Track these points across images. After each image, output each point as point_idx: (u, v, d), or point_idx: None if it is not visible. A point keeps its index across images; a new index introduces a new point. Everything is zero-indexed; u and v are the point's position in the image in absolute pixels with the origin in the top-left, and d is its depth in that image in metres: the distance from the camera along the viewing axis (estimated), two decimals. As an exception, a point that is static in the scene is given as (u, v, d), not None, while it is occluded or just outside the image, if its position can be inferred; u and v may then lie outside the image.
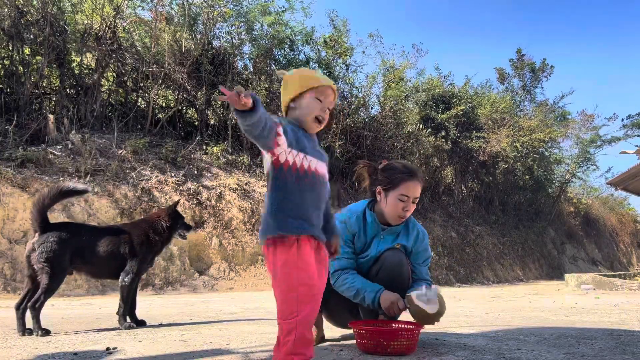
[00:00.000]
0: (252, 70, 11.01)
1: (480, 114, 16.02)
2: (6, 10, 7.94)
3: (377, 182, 2.26)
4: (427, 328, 2.86)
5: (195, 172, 8.85)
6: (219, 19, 10.16)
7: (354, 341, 2.20)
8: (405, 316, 2.18)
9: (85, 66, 9.52)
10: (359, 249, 2.28)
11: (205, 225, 7.93)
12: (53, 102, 8.96)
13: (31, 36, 8.26)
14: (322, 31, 11.59)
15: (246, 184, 9.33)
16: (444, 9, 62.74)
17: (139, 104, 10.15)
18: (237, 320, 3.39)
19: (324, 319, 2.40)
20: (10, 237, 6.08)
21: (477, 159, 15.91)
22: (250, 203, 8.91)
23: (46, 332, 2.57)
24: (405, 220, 2.27)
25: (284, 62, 11.22)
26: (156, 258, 3.14)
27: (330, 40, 11.49)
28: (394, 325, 2.14)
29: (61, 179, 6.87)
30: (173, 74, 9.65)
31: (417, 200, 2.23)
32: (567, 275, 10.18)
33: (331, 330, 2.55)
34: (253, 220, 8.67)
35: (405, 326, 2.11)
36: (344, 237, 2.25)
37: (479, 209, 17.00)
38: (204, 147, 9.79)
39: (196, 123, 10.72)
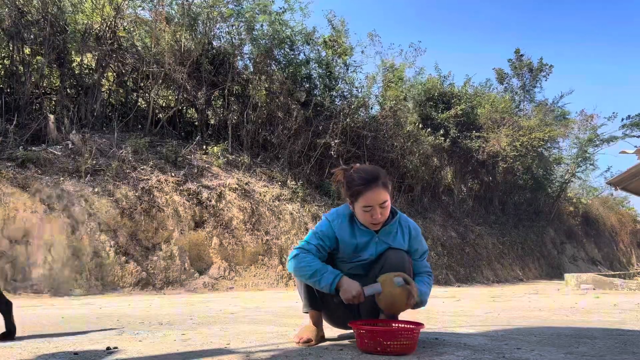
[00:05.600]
0: (252, 70, 11.01)
1: (480, 114, 16.02)
2: (6, 10, 7.95)
3: (344, 194, 2.21)
4: (427, 328, 2.86)
5: (195, 172, 8.85)
6: (219, 19, 10.16)
7: (353, 341, 2.21)
8: (407, 316, 2.18)
9: (85, 66, 9.53)
10: (348, 253, 2.24)
11: (205, 225, 7.94)
12: (53, 102, 8.97)
13: (31, 36, 8.26)
14: (321, 31, 11.61)
15: (246, 184, 9.34)
16: (442, 8, 62.77)
17: (139, 104, 10.16)
18: (237, 320, 3.39)
19: (323, 319, 2.40)
20: (11, 237, 6.08)
21: (476, 158, 15.91)
22: (251, 203, 8.92)
23: None
24: (393, 219, 2.25)
25: (284, 62, 11.23)
26: None
27: (330, 40, 11.50)
28: (394, 325, 2.15)
29: (61, 178, 6.87)
30: (173, 74, 9.65)
31: (387, 202, 2.13)
32: (566, 275, 10.18)
33: (331, 330, 2.55)
34: (253, 220, 8.68)
35: (405, 326, 2.11)
36: (323, 230, 2.20)
37: (479, 209, 17.01)
38: (204, 147, 9.79)
39: (196, 123, 10.73)
